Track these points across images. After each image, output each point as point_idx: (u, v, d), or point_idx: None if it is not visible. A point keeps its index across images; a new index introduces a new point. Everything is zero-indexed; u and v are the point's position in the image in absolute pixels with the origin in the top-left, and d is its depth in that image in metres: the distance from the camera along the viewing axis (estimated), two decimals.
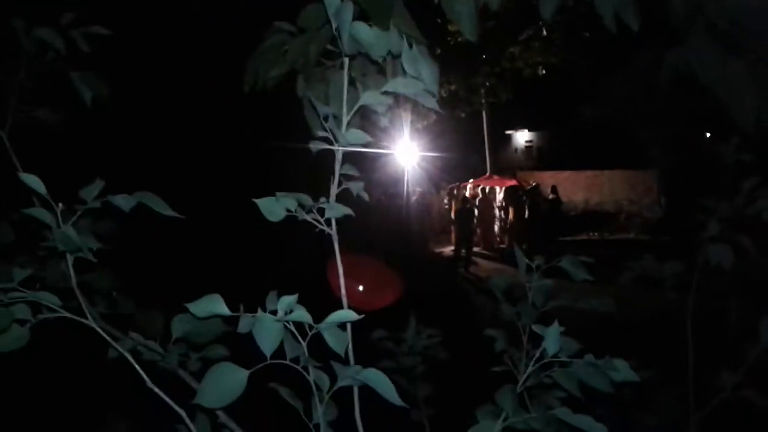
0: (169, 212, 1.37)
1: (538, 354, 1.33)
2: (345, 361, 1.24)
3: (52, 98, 2.11)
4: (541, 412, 1.33)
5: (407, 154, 16.18)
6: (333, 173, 1.40)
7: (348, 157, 1.42)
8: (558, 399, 1.44)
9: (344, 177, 1.41)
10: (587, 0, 1.31)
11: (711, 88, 1.34)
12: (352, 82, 1.46)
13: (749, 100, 1.35)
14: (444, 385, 2.42)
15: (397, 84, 1.30)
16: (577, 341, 1.37)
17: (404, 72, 1.33)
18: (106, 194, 1.34)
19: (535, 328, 1.38)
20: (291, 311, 1.11)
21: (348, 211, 1.34)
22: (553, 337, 1.29)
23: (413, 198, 17.04)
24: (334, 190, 1.37)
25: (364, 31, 1.28)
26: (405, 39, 1.30)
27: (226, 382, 1.10)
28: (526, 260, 1.70)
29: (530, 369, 1.35)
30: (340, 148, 1.34)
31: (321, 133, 1.35)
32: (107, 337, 1.37)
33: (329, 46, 1.41)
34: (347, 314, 1.13)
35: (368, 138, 1.32)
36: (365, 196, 1.44)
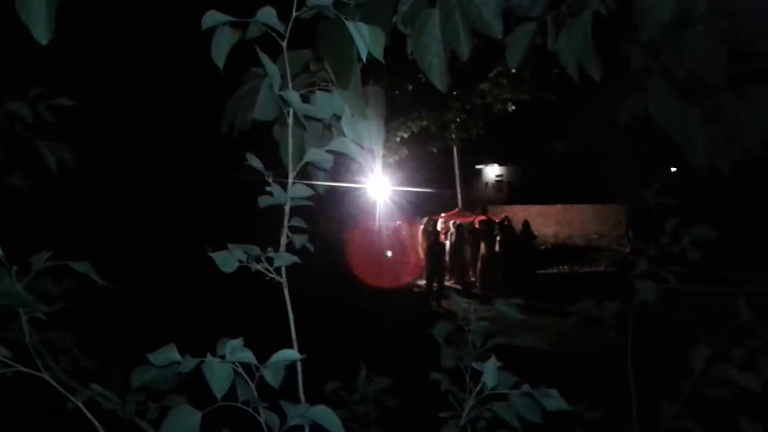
0: (98, 280, 1.52)
1: (478, 388, 1.41)
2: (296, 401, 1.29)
3: (21, 166, 2.23)
4: None
5: (379, 188, 16.25)
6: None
7: (320, 194, 1.50)
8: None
9: (291, 229, 1.48)
10: (551, 52, 1.35)
11: (667, 131, 1.39)
12: (327, 127, 1.53)
13: (702, 143, 1.40)
14: (397, 429, 2.47)
15: (338, 143, 1.38)
16: (518, 375, 1.44)
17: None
18: (61, 257, 1.45)
19: (475, 365, 1.45)
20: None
21: (295, 259, 1.40)
22: (490, 372, 1.37)
23: (385, 231, 17.04)
24: (283, 240, 1.43)
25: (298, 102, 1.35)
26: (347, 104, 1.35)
27: (183, 423, 1.17)
28: (464, 304, 1.80)
29: (471, 403, 1.43)
30: (287, 203, 1.41)
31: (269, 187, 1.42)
32: (61, 389, 1.42)
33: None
34: (289, 354, 1.20)
35: (311, 192, 1.40)
36: (310, 248, 1.49)
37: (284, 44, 1.36)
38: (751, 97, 1.39)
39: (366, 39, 1.24)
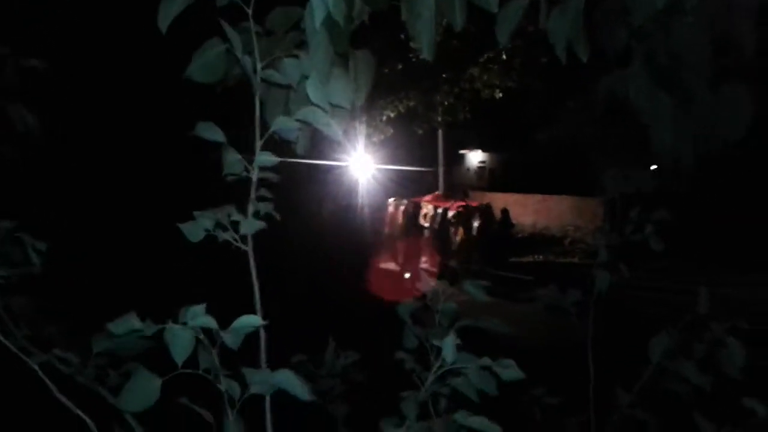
0: (35, 261, 1.60)
1: (438, 363, 1.46)
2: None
3: None
4: (443, 417, 1.44)
5: (362, 166, 16.22)
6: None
7: (300, 167, 1.49)
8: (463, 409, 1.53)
9: (259, 198, 1.48)
10: (542, 28, 1.34)
11: (640, 113, 1.40)
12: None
13: (669, 134, 1.41)
14: (362, 405, 2.47)
15: (305, 112, 1.38)
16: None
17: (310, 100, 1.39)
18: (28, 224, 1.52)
19: (435, 341, 1.49)
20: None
21: (262, 225, 1.41)
22: (449, 347, 1.41)
23: (365, 210, 17.05)
24: (250, 209, 1.43)
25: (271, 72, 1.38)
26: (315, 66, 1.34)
27: (143, 388, 1.18)
28: (433, 284, 1.87)
29: (432, 378, 1.46)
30: (254, 174, 1.42)
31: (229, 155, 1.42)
32: (18, 352, 1.45)
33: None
34: (251, 320, 1.20)
35: (277, 160, 1.40)
36: (276, 216, 1.49)
37: (249, 11, 1.36)
38: (724, 93, 1.39)
39: (330, 5, 1.23)
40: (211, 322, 1.17)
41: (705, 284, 2.14)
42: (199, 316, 1.17)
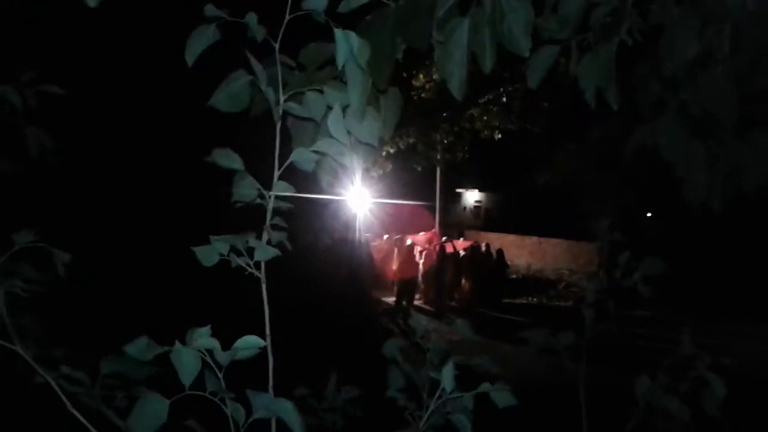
0: (61, 272, 1.59)
1: (438, 393, 1.49)
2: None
3: (8, 150, 2.24)
4: None
5: (360, 200, 16.25)
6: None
7: (298, 200, 1.51)
8: None
9: (273, 227, 1.49)
10: (571, 75, 1.36)
11: (671, 164, 1.41)
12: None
13: (702, 181, 1.43)
14: None
15: (324, 144, 1.38)
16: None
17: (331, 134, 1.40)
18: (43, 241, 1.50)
19: (432, 374, 1.53)
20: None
21: (276, 252, 1.40)
22: (448, 376, 1.44)
23: (362, 243, 17.04)
24: (265, 237, 1.43)
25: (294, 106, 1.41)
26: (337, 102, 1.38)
27: (151, 411, 1.18)
28: (424, 322, 1.85)
29: (432, 407, 1.51)
30: (269, 202, 1.43)
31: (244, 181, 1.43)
32: (32, 363, 1.43)
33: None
34: (253, 341, 1.21)
35: (293, 189, 1.42)
36: (288, 246, 1.50)
37: (276, 46, 1.39)
38: (755, 139, 1.41)
39: (354, 48, 1.26)
40: (214, 344, 1.18)
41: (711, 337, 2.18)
42: (203, 337, 1.18)
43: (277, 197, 1.46)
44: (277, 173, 1.43)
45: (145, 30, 11.06)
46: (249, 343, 1.21)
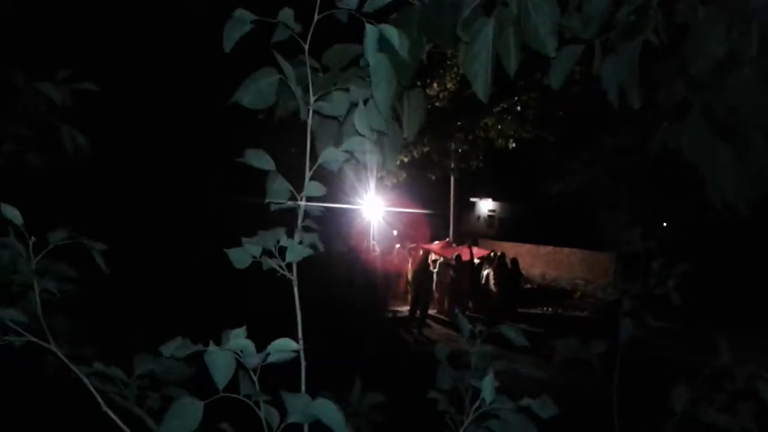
0: (103, 267, 1.64)
1: (477, 404, 1.46)
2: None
3: (40, 144, 2.30)
4: None
5: (374, 208, 16.26)
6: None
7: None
8: None
9: (305, 228, 1.49)
10: (594, 75, 1.36)
11: (696, 165, 1.40)
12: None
13: (729, 182, 1.41)
14: None
15: (352, 142, 1.39)
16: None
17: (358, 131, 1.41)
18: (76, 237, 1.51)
19: (474, 381, 1.50)
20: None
21: (309, 252, 1.40)
22: (488, 387, 1.41)
23: (376, 253, 17.02)
24: (297, 238, 1.43)
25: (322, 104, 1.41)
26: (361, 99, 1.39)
27: (186, 413, 1.16)
28: (469, 326, 1.81)
29: (471, 417, 1.48)
30: (301, 203, 1.44)
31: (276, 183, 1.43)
32: (66, 361, 1.43)
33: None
34: (288, 343, 1.19)
35: (324, 190, 1.42)
36: (320, 247, 1.50)
37: (306, 46, 1.39)
38: None
39: (394, 40, 1.26)
40: (249, 346, 1.16)
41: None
42: (237, 338, 1.16)
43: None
44: (308, 174, 1.43)
45: (177, 34, 11.23)
46: (283, 345, 1.19)
